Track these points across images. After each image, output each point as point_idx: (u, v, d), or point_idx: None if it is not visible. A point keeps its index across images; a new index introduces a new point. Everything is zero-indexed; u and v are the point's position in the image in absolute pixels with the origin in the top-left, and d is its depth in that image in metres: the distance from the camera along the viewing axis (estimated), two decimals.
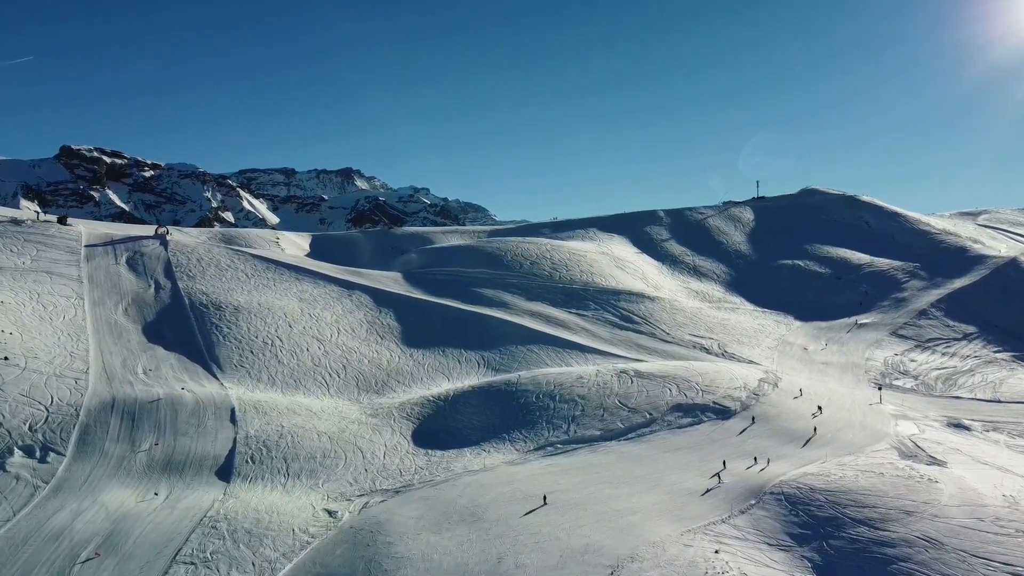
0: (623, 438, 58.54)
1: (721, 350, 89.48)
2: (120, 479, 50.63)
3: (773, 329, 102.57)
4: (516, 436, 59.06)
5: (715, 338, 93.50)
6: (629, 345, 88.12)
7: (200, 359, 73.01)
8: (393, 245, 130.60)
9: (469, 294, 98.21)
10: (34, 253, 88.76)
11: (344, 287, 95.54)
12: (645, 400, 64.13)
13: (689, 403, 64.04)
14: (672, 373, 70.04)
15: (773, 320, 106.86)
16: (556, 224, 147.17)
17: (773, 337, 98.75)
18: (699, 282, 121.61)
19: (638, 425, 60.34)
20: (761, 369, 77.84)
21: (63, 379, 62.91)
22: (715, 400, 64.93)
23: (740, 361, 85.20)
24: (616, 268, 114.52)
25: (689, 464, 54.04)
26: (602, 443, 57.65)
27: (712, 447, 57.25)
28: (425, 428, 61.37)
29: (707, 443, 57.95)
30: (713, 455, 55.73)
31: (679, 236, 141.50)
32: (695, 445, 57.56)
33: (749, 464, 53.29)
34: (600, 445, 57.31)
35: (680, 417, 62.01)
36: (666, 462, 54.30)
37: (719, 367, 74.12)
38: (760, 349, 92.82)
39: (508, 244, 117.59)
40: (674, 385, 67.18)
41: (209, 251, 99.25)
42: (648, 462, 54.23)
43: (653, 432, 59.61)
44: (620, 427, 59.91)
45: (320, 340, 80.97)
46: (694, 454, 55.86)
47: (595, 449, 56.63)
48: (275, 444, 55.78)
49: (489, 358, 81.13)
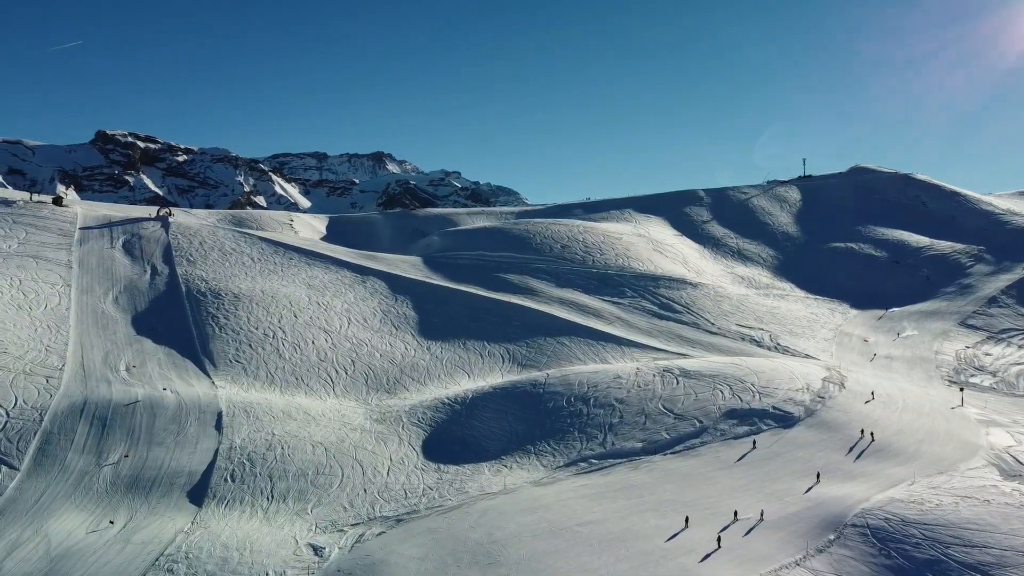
0: (669, 451, 49.73)
1: (773, 342, 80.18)
2: (77, 500, 43.16)
3: (828, 318, 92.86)
4: (543, 448, 50.53)
5: (765, 329, 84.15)
6: (670, 336, 79.17)
7: (192, 354, 65.58)
8: (414, 227, 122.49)
9: (494, 280, 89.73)
10: (23, 236, 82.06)
11: (358, 272, 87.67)
12: (693, 405, 55.22)
13: (745, 408, 55.03)
14: (723, 372, 61.00)
15: (827, 308, 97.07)
16: (589, 205, 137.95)
17: (829, 327, 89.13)
18: (744, 266, 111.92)
19: (686, 435, 51.49)
20: (822, 366, 68.39)
21: (32, 377, 55.79)
22: (775, 404, 55.82)
23: (796, 356, 75.84)
24: (654, 251, 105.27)
25: (749, 485, 45.17)
26: (644, 458, 48.90)
27: (775, 463, 48.27)
28: (438, 437, 53.11)
29: (768, 458, 48.96)
30: (777, 472, 46.82)
31: (721, 217, 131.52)
32: (755, 460, 48.62)
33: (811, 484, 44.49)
34: (642, 460, 48.57)
35: (735, 425, 53.06)
36: (721, 482, 45.48)
37: (776, 364, 64.85)
38: (816, 341, 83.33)
39: (537, 226, 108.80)
40: (726, 386, 58.18)
41: (213, 234, 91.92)
42: (700, 482, 45.45)
43: (704, 444, 50.74)
44: (665, 438, 51.10)
45: (328, 332, 73.14)
46: (754, 472, 46.95)
47: (636, 465, 47.91)
48: (261, 457, 47.93)
49: (514, 351, 72.73)
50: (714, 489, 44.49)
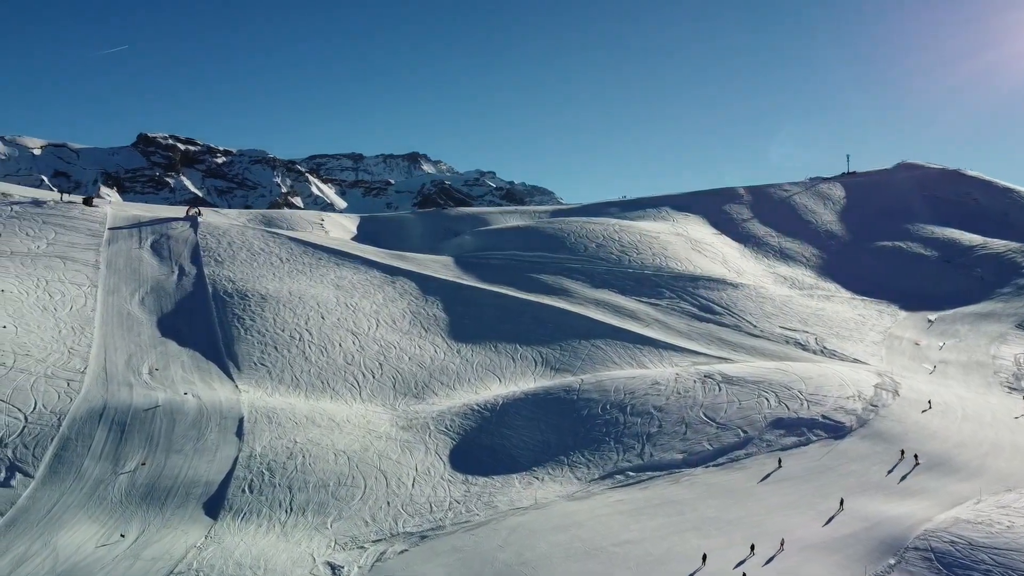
0: (711, 464, 46.65)
1: (819, 346, 76.36)
2: (90, 511, 41.47)
3: (876, 320, 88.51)
4: (577, 459, 47.76)
5: (811, 331, 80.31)
6: (710, 339, 75.80)
7: (216, 357, 63.96)
8: (446, 227, 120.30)
9: (526, 280, 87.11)
10: (51, 236, 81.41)
11: (388, 273, 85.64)
12: (737, 413, 52.02)
13: (792, 417, 51.67)
14: (768, 378, 57.65)
15: (875, 310, 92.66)
16: (625, 203, 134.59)
17: (878, 330, 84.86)
18: (787, 266, 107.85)
19: (729, 447, 48.35)
20: (873, 371, 64.56)
21: (54, 381, 54.49)
22: (824, 413, 52.38)
23: (844, 360, 72.01)
24: (692, 251, 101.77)
25: (799, 502, 41.94)
26: (685, 471, 45.88)
27: (826, 477, 44.92)
28: (466, 446, 50.61)
29: (819, 471, 45.63)
30: (829, 488, 43.48)
31: (762, 215, 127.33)
32: (804, 474, 45.30)
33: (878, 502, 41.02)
34: (683, 473, 45.55)
35: (782, 436, 49.74)
36: (768, 499, 42.31)
37: (824, 370, 61.29)
38: (865, 345, 79.25)
39: (571, 225, 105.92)
40: (771, 393, 54.85)
41: (242, 234, 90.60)
42: (745, 498, 42.34)
43: (749, 456, 47.55)
44: (707, 449, 48.00)
45: (355, 334, 71.13)
46: (804, 487, 43.67)
47: (676, 479, 44.92)
48: (281, 466, 45.87)
49: (547, 355, 70.01)
50: (761, 506, 41.37)
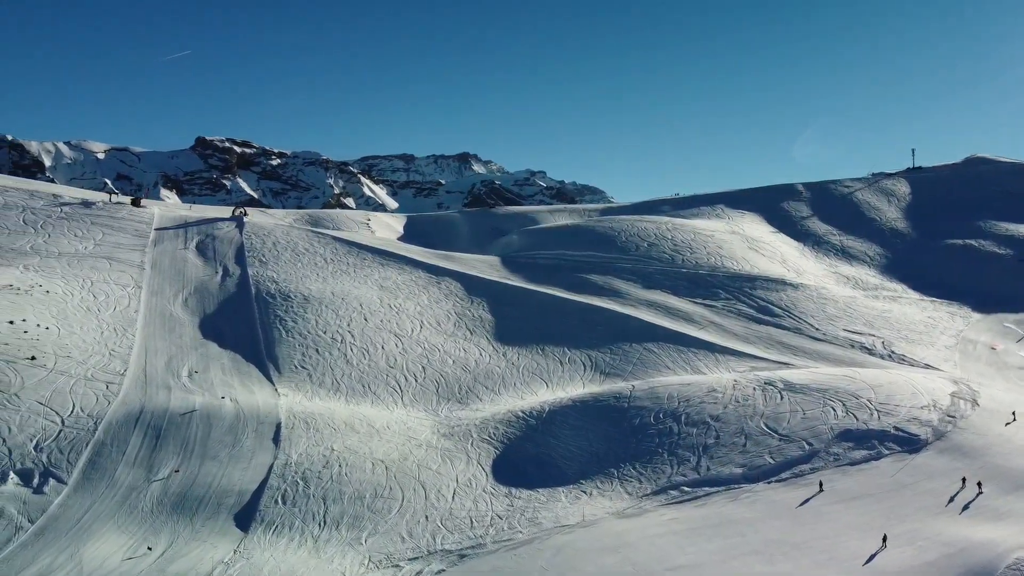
0: (774, 479, 43.24)
1: (887, 350, 71.82)
2: (120, 521, 40.04)
3: (948, 323, 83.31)
4: (628, 473, 44.78)
5: (877, 335, 75.72)
6: (769, 343, 71.92)
7: (257, 359, 62.60)
8: (493, 226, 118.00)
9: (575, 281, 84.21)
10: (99, 237, 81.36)
11: (433, 273, 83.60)
12: (801, 424, 48.42)
13: (862, 428, 47.88)
14: (834, 385, 53.82)
15: (946, 311, 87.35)
16: (678, 200, 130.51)
17: (949, 334, 79.75)
18: (849, 266, 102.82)
19: (794, 460, 44.85)
20: (948, 378, 60.14)
21: (93, 383, 53.57)
22: (896, 424, 48.46)
23: (915, 366, 67.47)
24: (749, 249, 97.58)
25: (871, 523, 38.32)
26: (745, 487, 42.57)
27: (902, 495, 41.21)
28: (510, 456, 48.03)
29: (893, 489, 41.91)
30: (905, 508, 39.83)
31: (822, 213, 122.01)
32: (877, 492, 41.64)
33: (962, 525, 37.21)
34: (742, 489, 42.26)
35: (851, 449, 46.05)
36: (838, 519, 38.80)
37: (894, 377, 57.13)
38: (936, 349, 74.39)
39: (622, 223, 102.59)
40: (838, 402, 51.06)
41: (287, 234, 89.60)
42: (812, 519, 38.90)
43: (815, 470, 43.99)
44: (769, 463, 44.58)
45: (399, 336, 69.18)
46: (877, 507, 40.02)
47: (735, 496, 41.66)
48: (317, 476, 43.91)
49: (597, 359, 67.08)
50: (830, 528, 37.90)
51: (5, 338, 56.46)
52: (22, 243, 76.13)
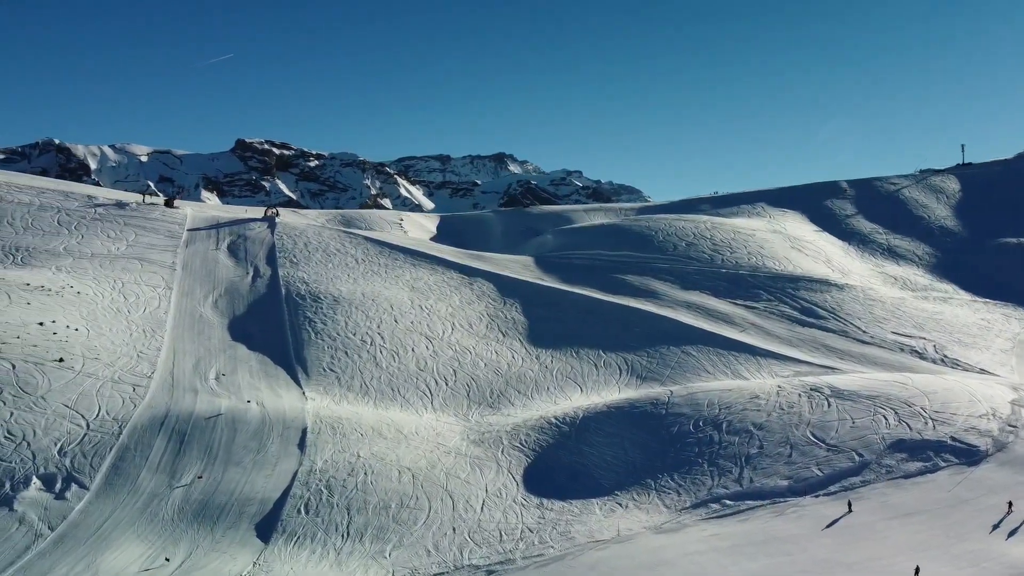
0: (822, 492, 40.74)
1: (939, 354, 68.53)
2: (139, 529, 39.00)
3: (1002, 325, 79.51)
4: (665, 484, 42.58)
5: (928, 338, 72.37)
6: (814, 346, 69.04)
7: (285, 361, 61.53)
8: (527, 225, 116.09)
9: (611, 281, 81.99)
10: (132, 238, 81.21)
11: (465, 274, 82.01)
12: (850, 433, 45.75)
13: (916, 439, 45.08)
14: (884, 392, 50.97)
15: (1000, 313, 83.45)
16: (717, 199, 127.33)
17: (1005, 336, 76.05)
18: (897, 265, 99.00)
19: (843, 472, 42.27)
20: (1006, 384, 56.83)
21: (120, 386, 52.85)
22: (953, 435, 45.57)
23: (969, 371, 64.17)
24: (792, 249, 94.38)
25: (929, 541, 35.70)
26: (791, 500, 40.14)
27: (961, 512, 38.46)
28: (542, 464, 46.11)
29: (952, 505, 39.16)
30: (965, 525, 37.09)
31: (867, 211, 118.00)
32: (934, 508, 38.93)
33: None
34: (788, 503, 39.83)
35: (904, 460, 43.31)
36: (893, 536, 36.22)
37: (949, 383, 54.03)
38: (991, 353, 70.86)
39: (659, 222, 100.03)
40: (889, 410, 48.25)
41: (319, 234, 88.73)
42: (865, 536, 36.37)
43: (866, 484, 41.40)
44: (817, 475, 42.06)
45: (430, 338, 67.67)
46: (935, 524, 37.35)
47: (781, 510, 39.25)
48: (341, 484, 42.45)
49: (633, 362, 64.88)
50: (884, 547, 35.34)
51: (34, 339, 56.08)
52: (56, 244, 76.20)
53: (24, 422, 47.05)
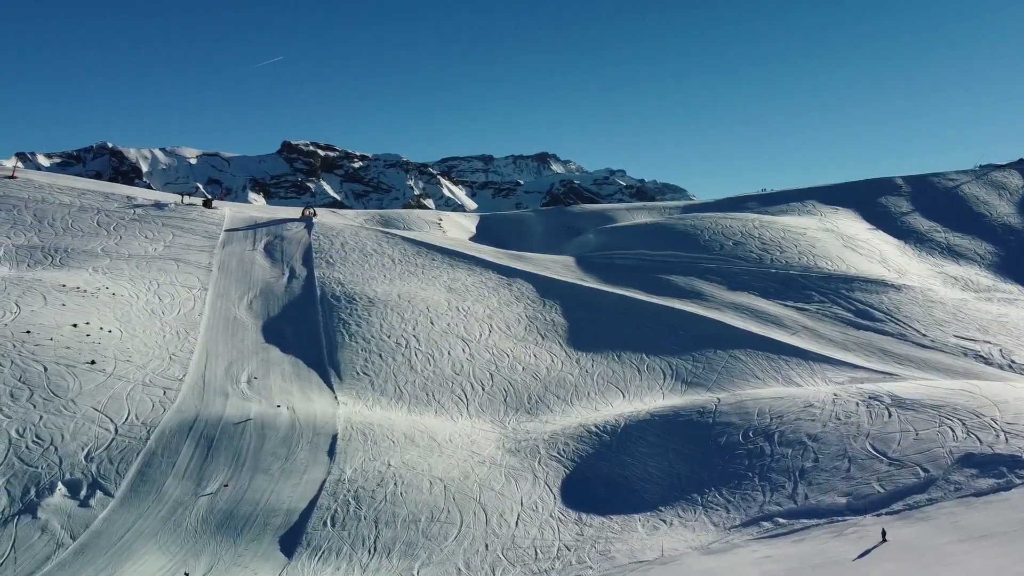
0: (884, 511, 37.59)
1: (1006, 359, 64.35)
2: (161, 540, 37.64)
3: None
4: (713, 499, 39.87)
5: (993, 342, 68.09)
6: (870, 350, 65.39)
7: (318, 364, 60.11)
8: (569, 225, 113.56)
9: (655, 282, 79.12)
10: (169, 239, 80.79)
11: (504, 274, 79.91)
12: (914, 446, 42.45)
13: (986, 453, 41.55)
14: (950, 400, 47.42)
15: None
16: (765, 197, 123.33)
17: None
18: (957, 265, 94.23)
19: (907, 489, 39.05)
20: None
21: (151, 389, 51.88)
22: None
23: None
24: (845, 248, 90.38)
25: (1008, 568, 32.37)
26: (850, 518, 37.11)
27: None
28: (581, 476, 43.71)
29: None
30: None
31: (924, 208, 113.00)
32: (1009, 530, 35.46)
33: None
34: (847, 523, 36.81)
35: (974, 477, 39.87)
36: (968, 562, 32.93)
37: (1021, 391, 50.20)
38: None
39: (705, 221, 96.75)
40: (956, 420, 44.75)
41: (356, 234, 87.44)
42: (934, 560, 33.19)
43: (932, 502, 38.12)
44: (877, 492, 38.94)
45: (466, 340, 65.70)
46: (1012, 548, 33.90)
47: (839, 529, 36.24)
48: (370, 495, 40.62)
49: (677, 366, 62.07)
50: (955, 572, 32.15)
51: (67, 341, 55.51)
52: (94, 245, 76.04)
53: (53, 426, 46.26)
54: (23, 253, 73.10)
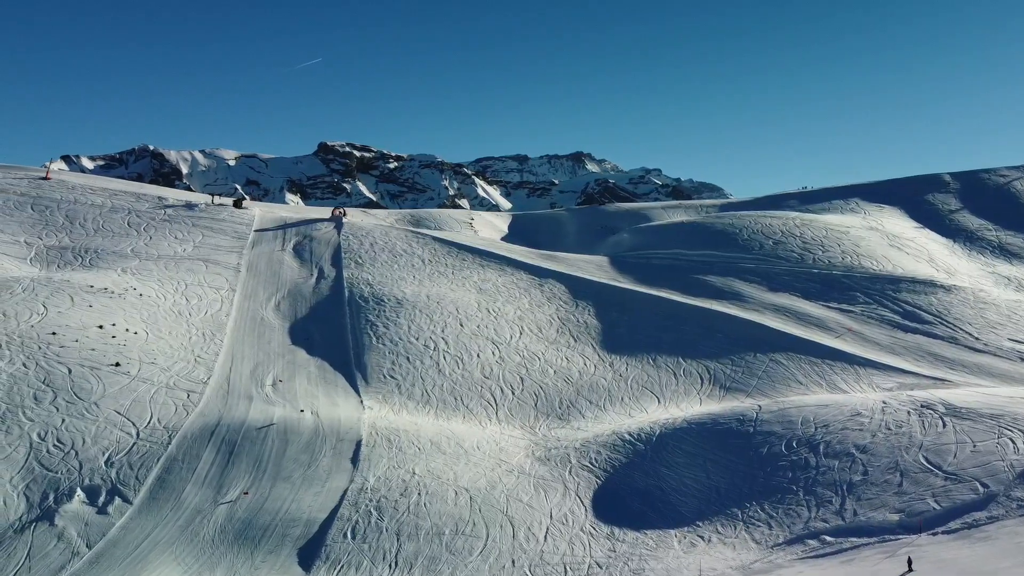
0: (940, 529, 34.97)
1: None
2: (177, 550, 36.42)
3: None
4: (755, 515, 37.54)
5: None
6: (920, 354, 62.26)
7: (345, 367, 58.81)
8: (603, 224, 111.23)
9: (692, 283, 76.60)
10: (198, 239, 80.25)
11: (536, 275, 77.98)
12: (971, 459, 39.67)
13: None
14: (1009, 409, 44.43)
15: None
16: (806, 194, 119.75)
17: None
18: (1009, 264, 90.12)
19: (964, 506, 36.35)
20: None
21: (174, 392, 50.93)
22: None
23: None
24: (891, 247, 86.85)
25: None
26: (903, 538, 34.55)
27: None
28: (614, 487, 41.63)
29: None
30: None
31: (973, 205, 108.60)
32: None
33: None
34: (900, 542, 34.26)
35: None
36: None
37: None
38: None
39: (743, 220, 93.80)
40: (1017, 431, 41.81)
41: (386, 235, 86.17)
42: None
43: (993, 520, 35.37)
44: (933, 509, 36.30)
45: (496, 343, 63.94)
46: None
47: (892, 550, 33.71)
48: (393, 506, 39.02)
49: (715, 370, 59.63)
50: None
51: (93, 343, 54.87)
52: (123, 246, 75.75)
53: (75, 429, 45.48)
54: (54, 254, 73.05)
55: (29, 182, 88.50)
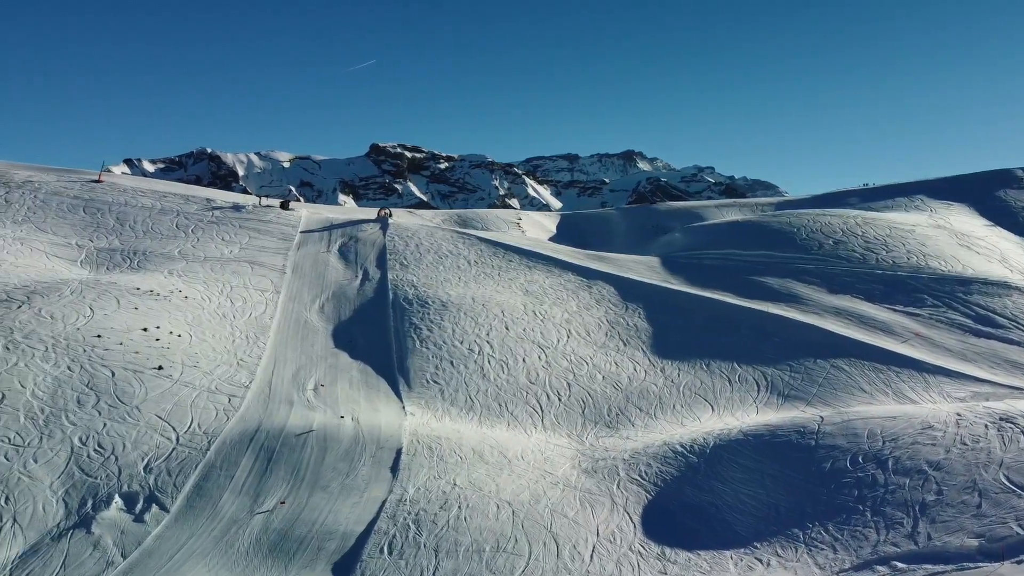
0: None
1: None
2: (212, 562, 35.38)
3: None
4: (817, 536, 34.87)
5: None
6: (994, 361, 58.38)
7: (387, 371, 57.55)
8: (654, 223, 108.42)
9: (746, 284, 73.57)
10: (245, 241, 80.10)
11: (584, 276, 75.88)
12: None
13: None
14: None
15: None
16: (867, 192, 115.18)
17: None
18: None
19: None
20: None
21: (216, 396, 50.25)
22: None
23: None
24: (960, 247, 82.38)
25: None
26: (985, 567, 31.56)
27: None
28: (665, 502, 39.34)
29: None
30: None
31: None
32: None
33: None
34: (981, 571, 31.29)
35: None
36: None
37: None
38: None
39: (801, 218, 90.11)
40: None
41: (431, 235, 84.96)
42: None
43: None
44: (1017, 534, 33.17)
45: (543, 347, 62.03)
46: None
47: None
48: (432, 520, 37.38)
49: (773, 377, 56.75)
50: None
51: (136, 346, 54.57)
52: (171, 248, 75.94)
53: (116, 434, 44.98)
54: (103, 256, 73.51)
55: (82, 185, 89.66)
